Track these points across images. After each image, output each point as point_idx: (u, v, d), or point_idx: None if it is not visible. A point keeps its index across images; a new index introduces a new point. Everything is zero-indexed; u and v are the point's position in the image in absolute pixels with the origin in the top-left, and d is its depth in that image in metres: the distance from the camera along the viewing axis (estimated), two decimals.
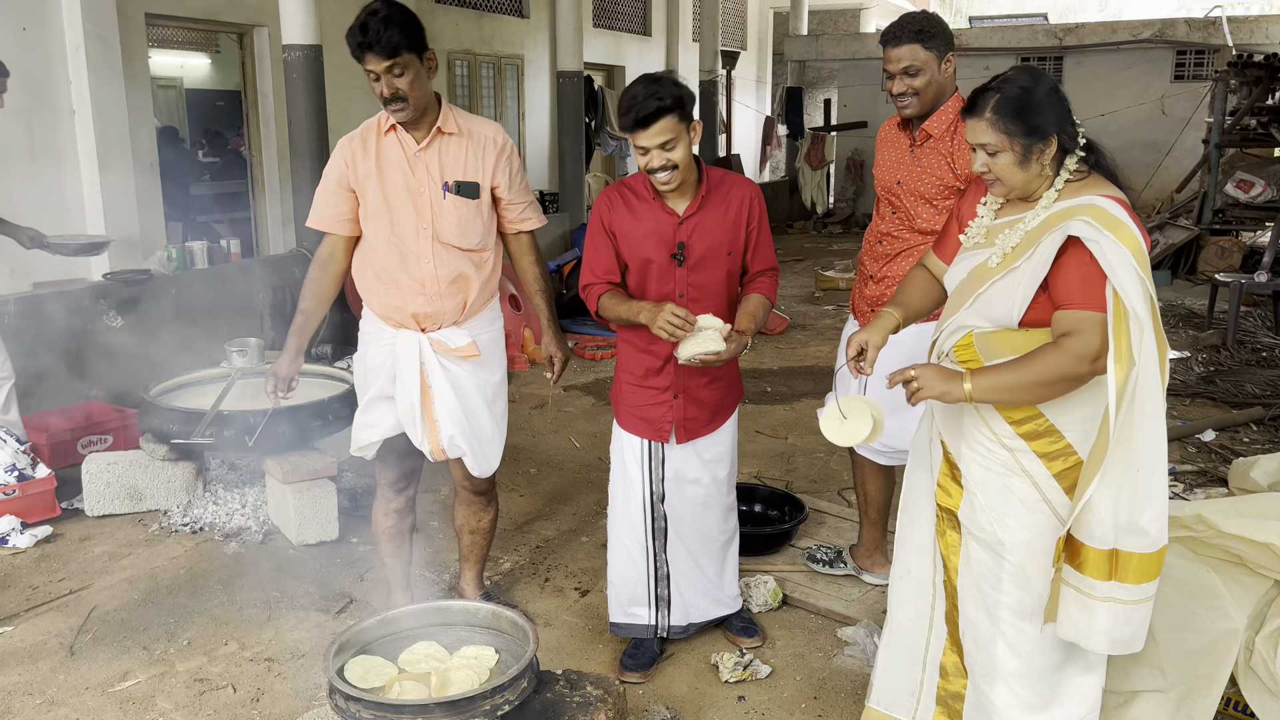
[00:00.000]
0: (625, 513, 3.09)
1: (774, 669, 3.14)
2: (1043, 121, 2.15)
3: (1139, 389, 2.00)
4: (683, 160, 2.72)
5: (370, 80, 2.79)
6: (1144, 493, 2.03)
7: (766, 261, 2.96)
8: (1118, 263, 2.01)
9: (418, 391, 2.97)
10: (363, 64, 2.76)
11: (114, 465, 4.31)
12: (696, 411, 2.99)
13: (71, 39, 6.28)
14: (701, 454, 3.05)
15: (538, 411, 5.93)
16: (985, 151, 2.20)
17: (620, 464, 3.09)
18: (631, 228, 2.86)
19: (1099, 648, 2.13)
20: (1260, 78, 10.06)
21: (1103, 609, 2.09)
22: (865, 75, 15.59)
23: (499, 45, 11.49)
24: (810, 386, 6.40)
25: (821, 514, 4.23)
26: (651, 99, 2.63)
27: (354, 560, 3.96)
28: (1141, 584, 2.08)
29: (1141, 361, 1.99)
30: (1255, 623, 2.55)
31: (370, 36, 2.70)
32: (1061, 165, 2.20)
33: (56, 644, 3.31)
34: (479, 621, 2.53)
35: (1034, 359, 2.12)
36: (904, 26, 3.00)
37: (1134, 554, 2.06)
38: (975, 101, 2.21)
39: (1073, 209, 2.13)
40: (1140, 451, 2.02)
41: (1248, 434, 5.30)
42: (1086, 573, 2.09)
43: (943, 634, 2.47)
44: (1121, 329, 2.00)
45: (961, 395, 2.16)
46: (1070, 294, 2.09)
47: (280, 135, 7.83)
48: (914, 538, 2.51)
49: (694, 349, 2.69)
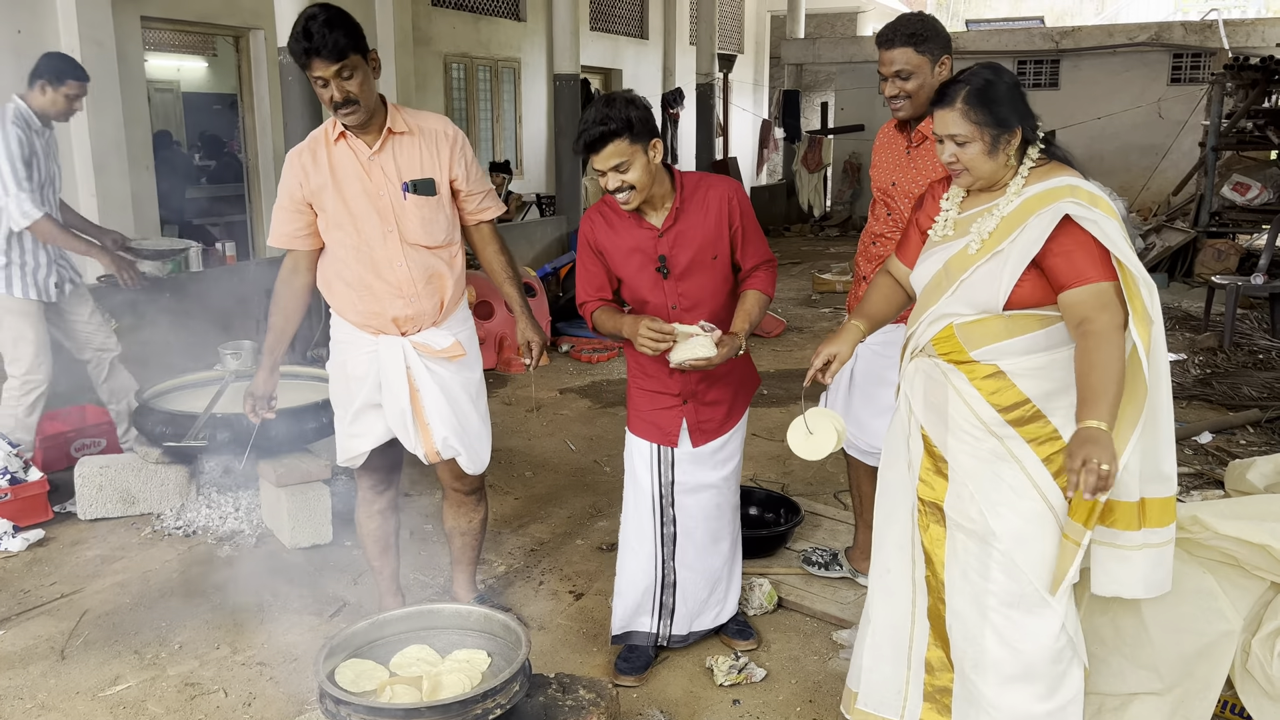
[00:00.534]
0: (636, 519, 3.07)
1: (769, 672, 3.12)
2: (1008, 113, 2.23)
3: (1157, 345, 2.13)
4: (639, 180, 2.71)
5: (318, 86, 2.74)
6: (1164, 441, 2.22)
7: (759, 255, 2.94)
8: (1114, 233, 2.14)
9: (407, 396, 2.95)
10: (308, 71, 2.71)
11: (107, 468, 4.29)
12: (710, 414, 2.98)
13: (67, 42, 6.28)
14: (714, 456, 3.04)
15: (533, 414, 5.92)
16: (954, 142, 2.27)
17: (631, 469, 3.07)
18: (615, 244, 2.87)
19: (1138, 593, 2.26)
20: (1256, 80, 10.08)
21: (1139, 556, 2.23)
22: (862, 78, 15.60)
23: (496, 48, 11.49)
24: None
25: (817, 517, 4.21)
26: (597, 124, 2.64)
27: (347, 563, 3.94)
28: (1165, 526, 2.25)
29: (1155, 318, 2.12)
30: (1251, 625, 2.54)
31: (316, 42, 2.65)
32: (1025, 155, 2.28)
33: (47, 648, 3.29)
34: (471, 625, 2.51)
35: (1096, 361, 2.10)
36: (897, 29, 3.00)
37: (1156, 499, 2.23)
38: (944, 93, 2.28)
39: (1054, 190, 2.21)
40: (1160, 404, 2.18)
41: (1244, 436, 5.30)
42: (1120, 527, 2.22)
43: (925, 630, 2.47)
44: (1134, 293, 2.12)
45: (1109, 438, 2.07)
46: (1080, 270, 2.16)
47: (276, 138, 7.83)
48: (892, 535, 2.52)
49: (684, 355, 2.70)
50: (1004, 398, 2.25)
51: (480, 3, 11.30)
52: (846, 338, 2.53)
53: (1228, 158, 10.45)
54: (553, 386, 6.51)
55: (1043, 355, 2.24)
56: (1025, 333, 2.24)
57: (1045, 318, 2.23)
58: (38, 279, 4.27)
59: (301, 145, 2.91)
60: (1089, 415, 2.09)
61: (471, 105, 11.32)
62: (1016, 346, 2.24)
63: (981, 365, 2.27)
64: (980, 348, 2.27)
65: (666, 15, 15.17)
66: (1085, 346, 2.14)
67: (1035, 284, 2.21)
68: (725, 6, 16.87)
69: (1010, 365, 2.25)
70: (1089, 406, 2.10)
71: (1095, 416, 2.08)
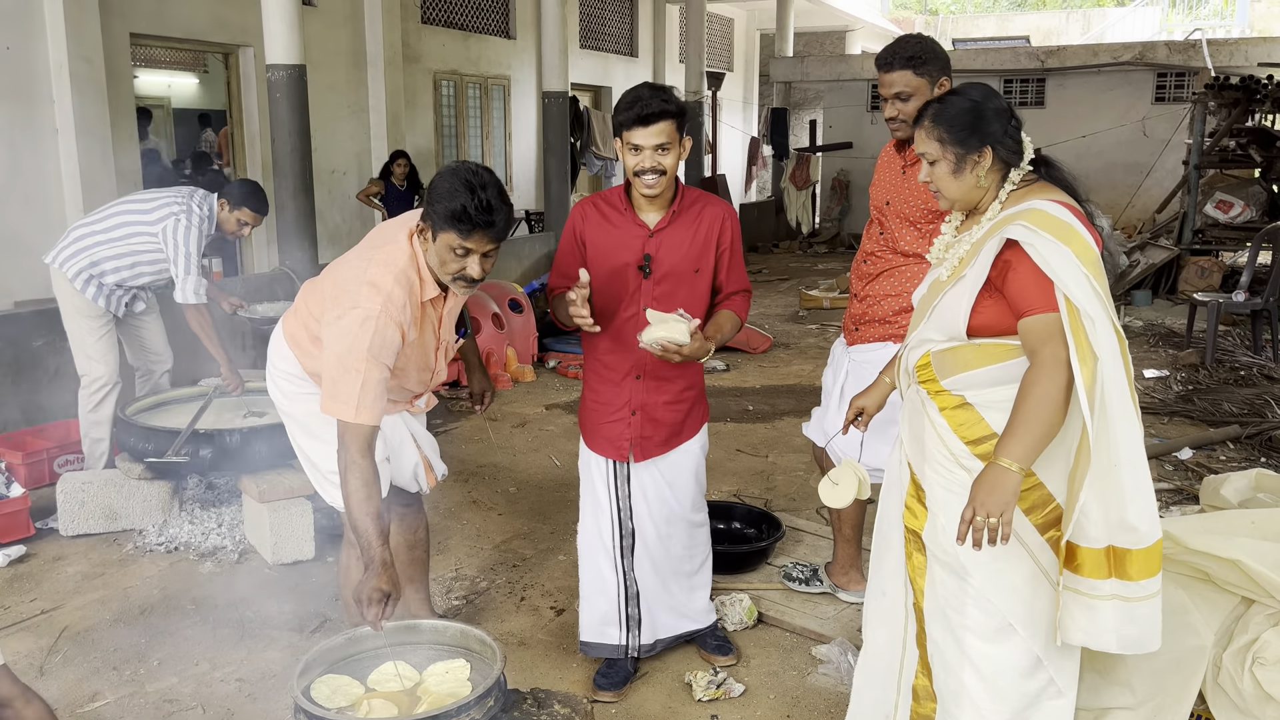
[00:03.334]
0: (595, 531, 3.09)
1: (747, 687, 3.13)
2: (977, 133, 2.18)
3: (1105, 383, 2.02)
4: (670, 166, 2.78)
5: (454, 254, 2.50)
6: (1128, 488, 2.06)
7: (739, 283, 3.01)
8: (1056, 261, 2.04)
9: (415, 449, 3.01)
10: (460, 239, 2.47)
11: (89, 484, 4.29)
12: (652, 430, 2.99)
13: (55, 58, 6.31)
14: (665, 473, 3.06)
15: (519, 430, 5.93)
16: (926, 160, 2.27)
17: (589, 483, 3.10)
18: (603, 238, 2.91)
19: (1111, 647, 2.13)
20: (1238, 99, 10.18)
21: (1107, 607, 2.10)
22: (850, 96, 15.71)
23: (485, 66, 11.55)
24: (792, 405, 6.42)
25: (799, 532, 4.23)
26: (657, 99, 2.72)
27: (329, 579, 3.93)
28: (1143, 580, 2.09)
29: (1102, 355, 2.01)
30: (1223, 639, 2.56)
31: (494, 217, 2.46)
32: (1005, 178, 2.24)
33: (26, 664, 3.28)
34: (447, 640, 2.52)
35: (1028, 394, 2.07)
36: (896, 52, 3.02)
37: (1130, 550, 2.08)
38: (920, 112, 2.29)
39: (1013, 215, 2.16)
40: (1117, 447, 2.04)
41: (1224, 452, 5.33)
42: (1086, 574, 2.10)
43: (915, 657, 2.46)
44: (1078, 327, 2.03)
45: (1015, 480, 2.04)
46: (1027, 298, 2.10)
47: (265, 154, 7.85)
48: (888, 560, 2.51)
49: (657, 334, 2.70)
50: (972, 430, 2.21)
51: (470, 20, 11.37)
52: (876, 392, 2.61)
53: (1211, 176, 10.54)
54: (539, 402, 6.52)
55: (1009, 388, 2.16)
56: (992, 363, 2.19)
57: (1011, 348, 2.18)
58: (112, 299, 4.54)
59: (389, 311, 2.52)
60: (1001, 452, 2.05)
61: (461, 122, 11.37)
62: (982, 378, 2.21)
63: (951, 395, 2.25)
64: (950, 376, 2.24)
65: (656, 33, 15.28)
66: (1024, 378, 2.10)
67: (997, 310, 2.17)
68: (714, 24, 16.99)
69: (976, 397, 2.21)
70: (1004, 441, 2.06)
71: (1006, 454, 2.04)
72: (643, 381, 2.95)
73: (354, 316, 2.50)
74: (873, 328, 3.21)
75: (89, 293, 4.44)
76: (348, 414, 2.48)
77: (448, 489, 4.81)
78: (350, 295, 2.54)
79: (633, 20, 15.05)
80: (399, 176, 8.52)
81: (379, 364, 2.50)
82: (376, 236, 2.78)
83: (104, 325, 4.54)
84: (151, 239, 4.37)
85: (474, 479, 5.07)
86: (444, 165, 2.69)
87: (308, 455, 2.95)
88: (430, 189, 2.55)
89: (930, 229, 3.06)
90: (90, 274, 4.42)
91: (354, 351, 2.48)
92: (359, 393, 2.47)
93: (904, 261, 3.15)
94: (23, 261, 5.79)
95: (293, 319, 2.88)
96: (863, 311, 3.24)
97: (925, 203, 3.06)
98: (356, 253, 2.74)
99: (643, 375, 2.95)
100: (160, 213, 4.38)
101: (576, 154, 12.17)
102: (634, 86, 2.79)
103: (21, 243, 5.08)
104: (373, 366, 2.48)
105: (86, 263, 4.41)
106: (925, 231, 3.09)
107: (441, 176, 2.53)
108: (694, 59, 13.99)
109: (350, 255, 2.76)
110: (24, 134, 6.16)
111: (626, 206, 2.90)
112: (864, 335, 3.24)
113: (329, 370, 2.53)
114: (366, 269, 2.57)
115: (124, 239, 4.40)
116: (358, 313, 2.50)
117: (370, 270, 2.56)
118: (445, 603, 3.71)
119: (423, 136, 10.59)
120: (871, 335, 3.21)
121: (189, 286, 4.38)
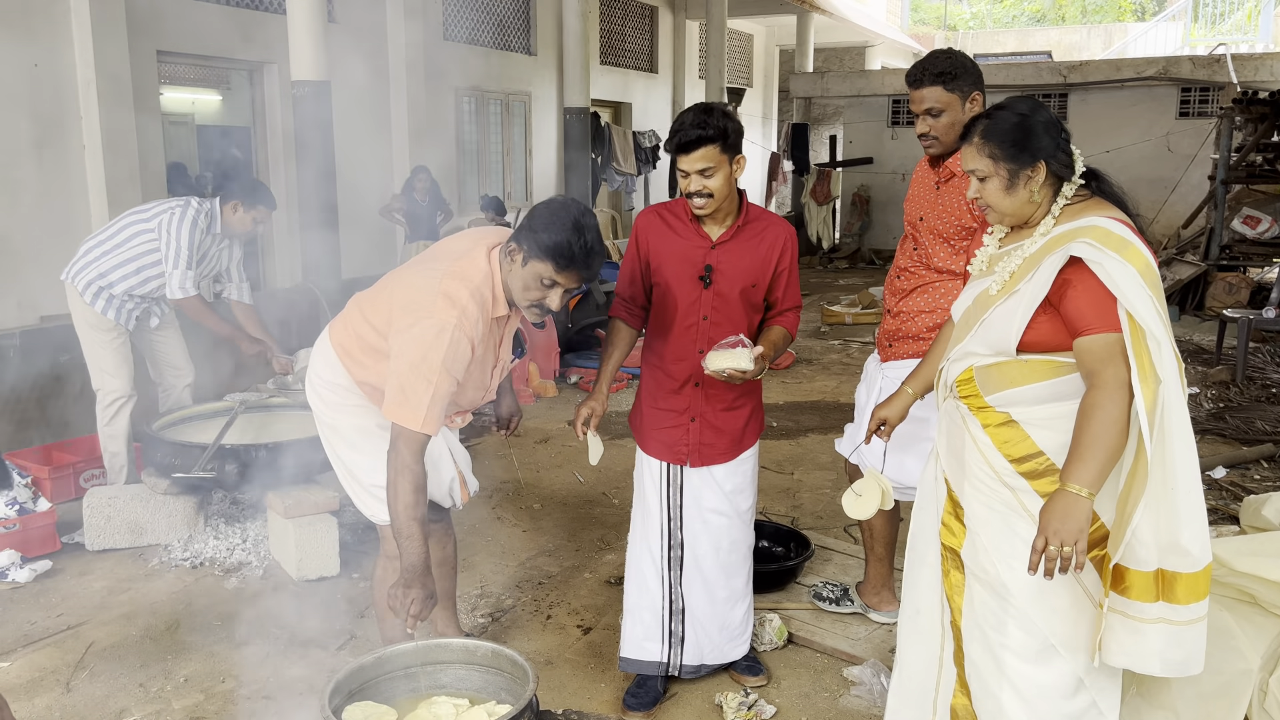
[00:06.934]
0: (644, 539, 3.09)
1: (779, 709, 3.08)
2: (1030, 148, 2.16)
3: (1167, 406, 2.00)
4: (718, 190, 2.80)
5: (541, 284, 2.52)
6: (1183, 512, 2.03)
7: (793, 300, 3.06)
8: (1123, 281, 2.01)
9: (453, 464, 3.03)
10: (554, 272, 2.49)
11: (115, 499, 4.29)
12: (713, 437, 3.01)
13: (83, 75, 6.35)
14: (722, 484, 3.05)
15: (541, 445, 5.91)
16: (975, 177, 2.23)
17: (641, 490, 3.11)
18: (665, 247, 2.95)
19: (1154, 670, 2.10)
20: (1265, 114, 10.09)
21: (1154, 631, 2.06)
22: (870, 112, 15.69)
23: (507, 82, 11.59)
24: (816, 421, 6.37)
25: (828, 550, 4.18)
26: (695, 127, 2.74)
27: (355, 595, 3.92)
28: (1190, 604, 2.06)
29: (1165, 378, 1.99)
30: (1270, 663, 2.51)
31: (590, 260, 2.50)
32: (1058, 193, 2.20)
33: (53, 680, 3.27)
34: (478, 660, 2.48)
35: (1091, 416, 2.03)
36: (926, 69, 3.00)
37: (1180, 574, 2.04)
38: (967, 129, 2.25)
39: (1075, 231, 2.12)
40: (1174, 470, 2.01)
41: (1259, 471, 5.25)
42: (1133, 597, 2.07)
43: (952, 676, 2.41)
44: (1141, 348, 2.00)
45: (1086, 506, 2.01)
46: (1086, 318, 2.07)
47: (289, 171, 7.89)
48: (923, 577, 2.47)
49: (723, 363, 2.76)
50: (1017, 449, 2.18)
51: (492, 37, 11.42)
52: (898, 402, 2.62)
53: (1237, 191, 10.45)
54: (561, 418, 6.50)
55: (1056, 405, 2.14)
56: (1040, 380, 2.16)
57: (1060, 365, 2.14)
58: (122, 311, 4.53)
59: (462, 325, 2.53)
60: (1070, 477, 2.02)
61: (482, 137, 11.41)
62: (1029, 395, 2.17)
63: (996, 412, 2.21)
64: (995, 393, 2.20)
65: (676, 49, 15.31)
66: (1085, 401, 2.06)
67: (1051, 326, 2.13)
68: (734, 40, 17.02)
69: (1022, 414, 2.18)
70: (1071, 466, 2.03)
71: (1075, 480, 2.01)
72: (701, 389, 2.98)
73: (427, 326, 2.49)
74: (906, 344, 3.18)
75: (99, 305, 4.46)
76: (415, 422, 2.48)
77: (471, 505, 4.77)
78: (424, 306, 2.53)
79: (653, 36, 15.09)
80: (421, 192, 8.54)
81: (449, 376, 2.51)
82: (449, 248, 2.76)
83: (116, 338, 4.54)
84: (151, 238, 4.39)
85: (498, 495, 5.05)
86: (553, 197, 2.68)
87: (349, 468, 2.93)
88: (532, 215, 2.55)
89: (963, 245, 3.03)
90: (100, 285, 4.44)
91: (428, 361, 2.48)
92: (429, 402, 2.48)
93: (937, 277, 3.12)
94: (49, 277, 5.82)
95: (341, 329, 2.85)
96: (896, 327, 3.21)
97: (958, 219, 3.03)
98: (425, 263, 2.73)
99: (701, 383, 2.97)
100: (158, 209, 4.43)
101: (597, 169, 12.18)
102: (684, 111, 2.82)
103: (48, 258, 5.11)
104: (444, 378, 2.49)
105: (95, 274, 4.42)
106: (959, 248, 3.06)
107: (549, 207, 2.54)
108: (714, 75, 14.01)
109: (416, 264, 2.78)
110: (51, 150, 6.21)
111: (690, 218, 2.94)
112: (897, 352, 3.21)
113: (399, 377, 2.51)
114: (441, 281, 2.56)
115: (127, 243, 4.41)
116: (431, 323, 2.49)
117: (445, 282, 2.55)
118: (471, 620, 3.67)
119: (444, 152, 10.63)
120: (905, 352, 3.18)
121: (175, 281, 4.36)
